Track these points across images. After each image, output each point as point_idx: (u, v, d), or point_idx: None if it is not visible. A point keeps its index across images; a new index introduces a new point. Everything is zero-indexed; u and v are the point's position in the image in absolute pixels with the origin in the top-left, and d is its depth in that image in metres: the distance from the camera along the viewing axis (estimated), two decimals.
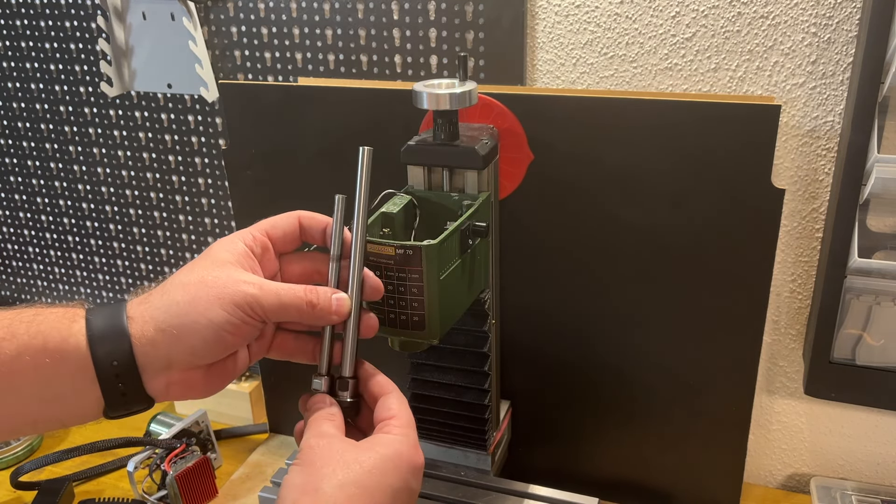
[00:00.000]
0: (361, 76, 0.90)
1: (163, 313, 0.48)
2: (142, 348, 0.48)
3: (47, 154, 1.14)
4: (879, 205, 0.70)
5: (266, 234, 0.53)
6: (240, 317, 0.48)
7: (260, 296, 0.48)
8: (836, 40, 0.72)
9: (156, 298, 0.49)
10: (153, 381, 0.49)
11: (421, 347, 0.62)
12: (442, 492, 0.73)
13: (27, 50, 1.08)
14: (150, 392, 0.49)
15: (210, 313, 0.47)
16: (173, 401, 0.52)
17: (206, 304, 0.47)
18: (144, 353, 0.48)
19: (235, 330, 0.48)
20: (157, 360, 0.48)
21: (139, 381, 0.48)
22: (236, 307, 0.48)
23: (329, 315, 0.50)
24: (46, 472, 0.91)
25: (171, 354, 0.48)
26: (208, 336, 0.48)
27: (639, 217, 0.73)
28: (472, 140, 0.65)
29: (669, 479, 0.82)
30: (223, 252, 0.51)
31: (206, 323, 0.47)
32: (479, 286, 0.67)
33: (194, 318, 0.47)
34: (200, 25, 0.95)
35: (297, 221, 0.54)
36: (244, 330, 0.49)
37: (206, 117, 1.01)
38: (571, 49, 0.81)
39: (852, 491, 0.84)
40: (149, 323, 0.48)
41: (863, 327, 0.74)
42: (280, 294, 0.49)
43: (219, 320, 0.47)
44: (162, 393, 0.50)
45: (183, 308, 0.48)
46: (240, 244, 0.51)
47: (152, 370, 0.48)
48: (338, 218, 0.53)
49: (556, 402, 0.83)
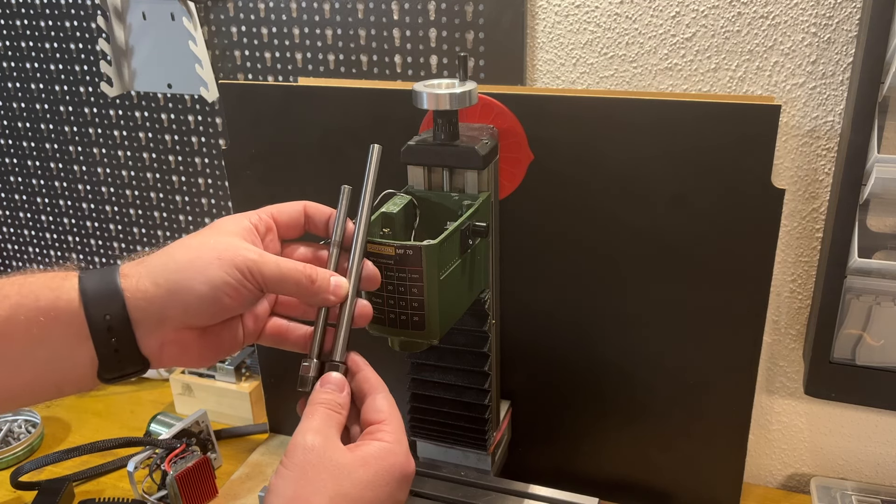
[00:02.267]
0: (361, 76, 0.90)
1: (161, 269, 0.48)
2: (136, 302, 0.47)
3: (47, 154, 1.14)
4: (879, 205, 0.70)
5: (272, 216, 0.54)
6: (238, 279, 0.48)
7: (260, 262, 0.48)
8: (836, 40, 0.72)
9: (154, 258, 0.49)
10: (147, 339, 0.48)
11: (421, 347, 0.62)
12: (442, 492, 0.73)
13: (27, 50, 1.08)
14: (144, 351, 0.49)
15: (209, 271, 0.47)
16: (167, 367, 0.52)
17: (205, 262, 0.48)
18: (138, 308, 0.47)
19: (233, 292, 0.48)
20: (152, 315, 0.48)
21: (132, 338, 0.48)
22: (236, 268, 0.48)
23: (326, 294, 0.50)
24: (46, 472, 0.91)
25: (165, 310, 0.48)
26: (204, 294, 0.47)
27: (639, 217, 0.73)
28: (472, 140, 0.65)
29: (669, 479, 0.82)
30: (228, 224, 0.51)
31: (203, 280, 0.47)
32: (479, 286, 0.67)
33: (192, 275, 0.47)
34: (200, 25, 0.95)
35: (302, 210, 0.55)
36: (241, 294, 0.48)
37: (206, 117, 1.01)
38: (571, 49, 0.81)
39: (852, 491, 0.84)
40: (144, 278, 0.48)
41: (863, 327, 0.74)
42: (280, 264, 0.49)
43: (217, 279, 0.47)
44: (156, 353, 0.49)
45: (182, 265, 0.48)
46: (245, 221, 0.52)
47: (146, 326, 0.48)
48: (342, 207, 0.54)
49: (556, 402, 0.83)
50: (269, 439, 0.99)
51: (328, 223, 0.55)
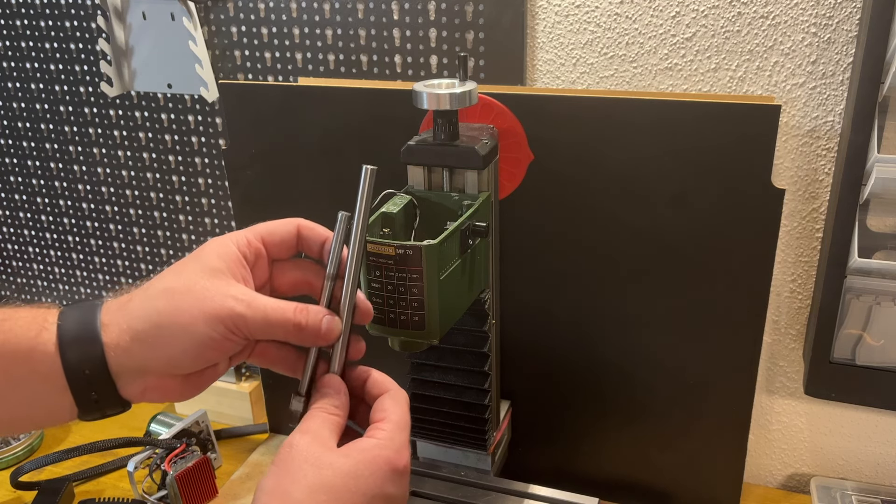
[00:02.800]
0: (361, 76, 0.90)
1: (142, 322, 0.47)
2: (116, 357, 0.46)
3: (47, 154, 1.14)
4: (879, 205, 0.70)
5: (262, 239, 0.52)
6: (223, 333, 0.46)
7: (247, 314, 0.46)
8: (836, 40, 0.72)
9: (136, 304, 0.47)
10: (128, 388, 0.48)
11: (421, 347, 0.62)
12: (442, 492, 0.73)
13: (27, 50, 1.08)
14: (125, 396, 0.48)
15: (193, 328, 0.46)
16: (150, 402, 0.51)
17: (189, 317, 0.46)
18: (118, 363, 0.46)
19: (217, 346, 0.47)
20: (132, 368, 0.47)
21: (113, 388, 0.47)
22: (221, 323, 0.46)
23: (316, 338, 0.49)
24: (46, 472, 0.91)
25: (146, 363, 0.47)
26: (188, 349, 0.46)
27: (639, 217, 0.73)
28: (472, 140, 0.65)
29: (669, 479, 0.82)
30: (214, 257, 0.49)
31: (186, 337, 0.46)
32: (479, 286, 0.67)
33: (175, 332, 0.46)
34: (200, 25, 0.95)
35: (295, 230, 0.52)
36: (226, 346, 0.47)
37: (206, 117, 1.01)
38: (571, 49, 0.81)
39: (852, 491, 0.84)
40: (125, 332, 0.46)
41: (863, 327, 0.74)
42: (268, 313, 0.47)
43: (201, 336, 0.46)
44: (137, 397, 0.49)
45: (165, 318, 0.46)
46: (233, 249, 0.50)
47: (127, 377, 0.47)
48: (338, 237, 0.51)
49: (556, 402, 0.83)
50: (269, 439, 0.99)
51: (323, 247, 0.52)
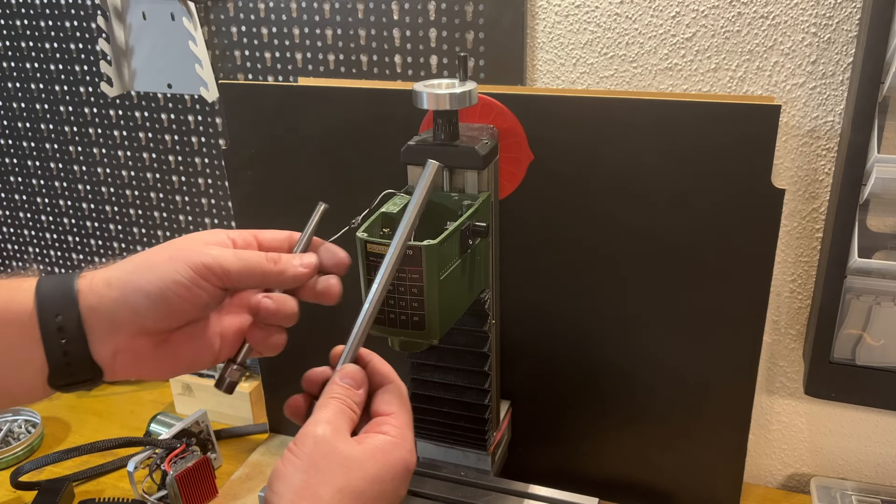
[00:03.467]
0: (361, 76, 0.90)
1: (116, 270, 0.48)
2: (88, 303, 0.47)
3: (47, 154, 1.14)
4: (879, 205, 0.70)
5: (255, 236, 0.53)
6: (189, 277, 0.47)
7: (219, 257, 0.48)
8: (836, 40, 0.72)
9: (117, 263, 0.49)
10: (99, 345, 0.48)
11: (421, 347, 0.62)
12: (442, 492, 0.73)
13: (27, 50, 1.08)
14: (96, 357, 0.48)
15: (158, 270, 0.47)
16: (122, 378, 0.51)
17: (157, 262, 0.47)
18: (90, 308, 0.47)
19: (183, 291, 0.47)
20: (103, 316, 0.47)
21: (84, 343, 0.47)
22: (188, 267, 0.47)
23: (294, 269, 0.50)
24: (46, 472, 0.91)
25: (116, 312, 0.47)
26: (152, 293, 0.47)
27: (639, 217, 0.73)
28: (472, 140, 0.65)
29: (669, 479, 0.82)
30: (202, 234, 0.51)
31: (152, 278, 0.47)
32: (479, 286, 0.67)
33: (142, 275, 0.47)
34: (200, 25, 0.95)
35: (286, 239, 0.54)
36: (193, 293, 0.47)
37: (206, 117, 1.01)
38: (571, 49, 0.81)
39: (852, 491, 0.84)
40: (99, 281, 0.48)
41: (863, 327, 0.74)
42: (240, 254, 0.49)
43: (166, 277, 0.47)
44: (108, 362, 0.48)
45: (135, 266, 0.48)
46: (222, 235, 0.51)
47: (99, 330, 0.47)
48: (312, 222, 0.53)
49: (556, 402, 0.83)
50: (269, 439, 0.99)
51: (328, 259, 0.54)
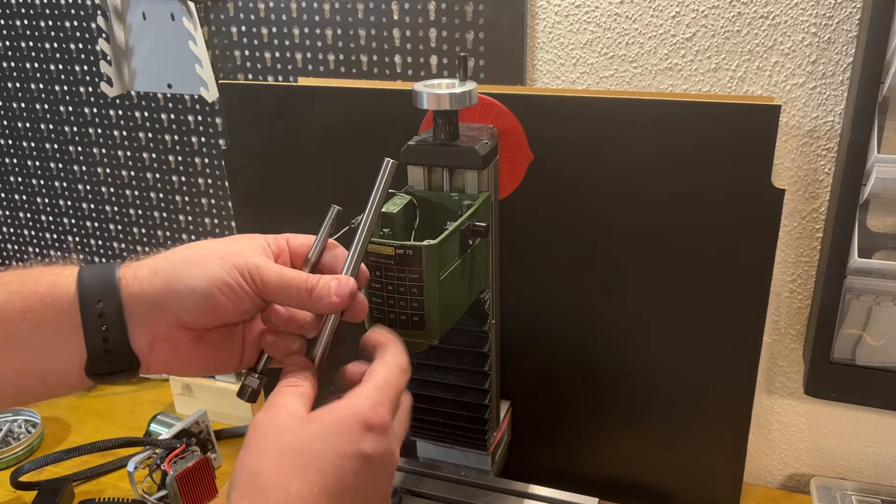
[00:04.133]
0: (361, 76, 0.90)
1: (161, 261, 0.49)
2: (130, 290, 0.47)
3: (47, 154, 1.14)
4: (879, 205, 0.70)
5: (286, 240, 0.54)
6: (236, 279, 0.48)
7: (263, 267, 0.49)
8: (836, 40, 0.72)
9: (158, 255, 0.50)
10: (138, 333, 0.48)
11: (421, 347, 0.62)
12: (442, 492, 0.73)
13: (27, 50, 1.08)
14: (134, 345, 0.48)
15: (208, 266, 0.47)
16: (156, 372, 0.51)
17: (206, 259, 0.48)
18: (132, 295, 0.47)
19: (229, 291, 0.48)
20: (145, 304, 0.47)
21: (124, 330, 0.47)
22: (236, 269, 0.48)
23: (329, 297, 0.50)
24: (46, 472, 0.91)
25: (159, 301, 0.47)
26: (200, 287, 0.47)
27: (639, 217, 0.73)
28: (472, 140, 0.65)
29: (669, 479, 0.82)
30: (241, 238, 0.52)
31: (201, 273, 0.47)
32: (479, 286, 0.67)
33: (190, 268, 0.48)
34: (200, 25, 0.95)
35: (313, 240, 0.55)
36: (238, 296, 0.48)
37: (206, 117, 1.01)
38: (571, 49, 0.81)
39: (852, 491, 0.84)
40: (144, 269, 0.48)
41: (863, 327, 0.74)
42: (283, 272, 0.49)
43: (214, 275, 0.47)
44: (145, 352, 0.48)
45: (183, 258, 0.48)
46: (260, 240, 0.52)
47: (138, 317, 0.48)
48: (326, 226, 0.53)
49: (557, 402, 0.83)
50: None
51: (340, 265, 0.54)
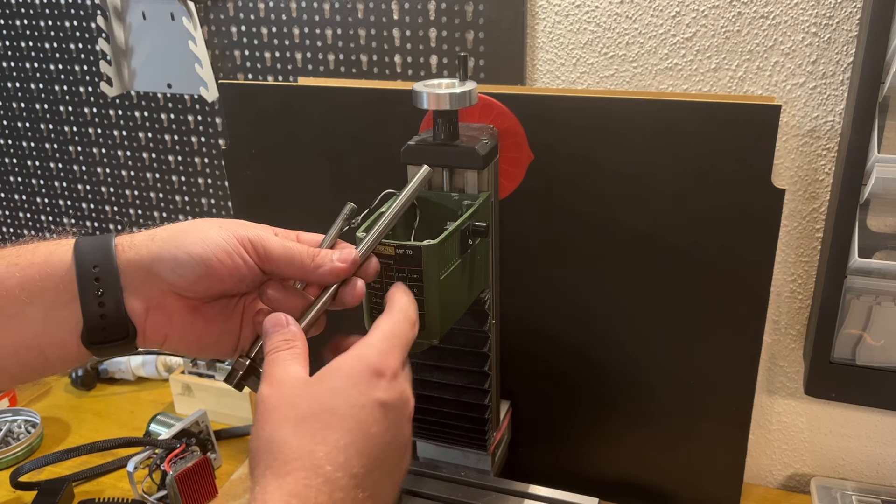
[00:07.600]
0: (361, 76, 0.90)
1: (160, 229, 0.49)
2: (125, 256, 0.48)
3: (47, 154, 1.14)
4: (879, 205, 0.70)
5: (297, 236, 0.54)
6: (234, 246, 0.48)
7: (265, 237, 0.49)
8: (836, 40, 0.72)
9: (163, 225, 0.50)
10: (133, 299, 0.48)
11: (421, 347, 0.62)
12: (442, 492, 0.73)
13: (27, 50, 1.08)
14: (130, 311, 0.48)
15: (205, 233, 0.48)
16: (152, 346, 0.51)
17: (207, 227, 0.48)
18: (128, 261, 0.48)
19: (225, 257, 0.48)
20: (140, 271, 0.48)
21: (119, 294, 0.47)
22: (235, 238, 0.48)
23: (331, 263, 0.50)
24: (46, 472, 0.91)
25: (154, 265, 0.48)
26: (194, 251, 0.47)
27: (639, 217, 0.73)
28: (472, 140, 0.65)
29: (669, 479, 0.82)
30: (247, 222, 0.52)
31: (198, 238, 0.47)
32: (479, 286, 0.67)
33: (188, 234, 0.48)
34: (200, 25, 0.95)
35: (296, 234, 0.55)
36: (235, 263, 0.48)
37: (206, 117, 1.01)
38: (571, 49, 0.81)
39: (852, 491, 0.84)
40: (142, 236, 0.49)
41: (863, 327, 0.74)
42: (286, 243, 0.50)
43: (211, 240, 0.47)
44: (141, 319, 0.48)
45: (182, 226, 0.49)
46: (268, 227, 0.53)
47: (134, 285, 0.48)
48: (338, 222, 0.54)
49: (556, 402, 0.83)
50: None
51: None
